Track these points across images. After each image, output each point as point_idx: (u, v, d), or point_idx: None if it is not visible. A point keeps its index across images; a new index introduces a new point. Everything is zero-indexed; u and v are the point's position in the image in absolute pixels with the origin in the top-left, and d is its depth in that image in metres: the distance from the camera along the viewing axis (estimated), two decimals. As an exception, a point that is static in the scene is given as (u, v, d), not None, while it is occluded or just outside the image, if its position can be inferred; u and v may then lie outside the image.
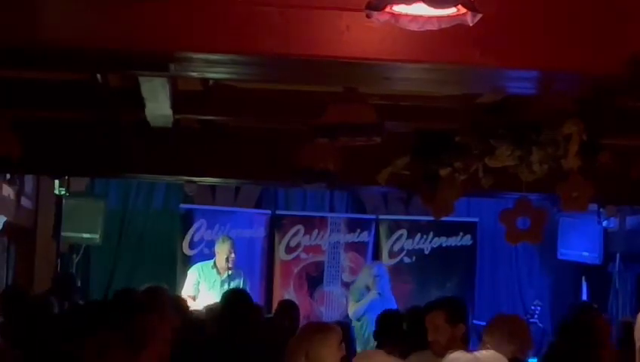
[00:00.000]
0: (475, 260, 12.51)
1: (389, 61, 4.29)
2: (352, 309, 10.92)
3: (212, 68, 4.75)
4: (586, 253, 11.85)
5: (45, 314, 6.84)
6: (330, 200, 13.02)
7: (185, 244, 12.20)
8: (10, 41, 4.19)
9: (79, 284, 8.74)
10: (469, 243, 12.44)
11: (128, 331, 5.04)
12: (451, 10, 3.38)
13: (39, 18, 4.17)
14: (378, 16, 3.38)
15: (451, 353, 3.60)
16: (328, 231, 12.50)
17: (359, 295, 11.02)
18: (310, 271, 12.52)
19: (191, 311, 7.99)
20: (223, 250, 10.45)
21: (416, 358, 5.74)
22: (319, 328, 5.08)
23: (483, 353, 3.65)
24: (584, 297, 12.58)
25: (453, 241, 12.44)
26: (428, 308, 5.73)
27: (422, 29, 3.47)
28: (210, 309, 7.25)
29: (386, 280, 11.08)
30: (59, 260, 11.28)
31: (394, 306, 9.89)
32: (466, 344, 5.39)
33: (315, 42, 4.18)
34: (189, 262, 11.80)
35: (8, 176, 10.06)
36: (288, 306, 8.99)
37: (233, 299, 6.80)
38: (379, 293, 10.77)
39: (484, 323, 6.43)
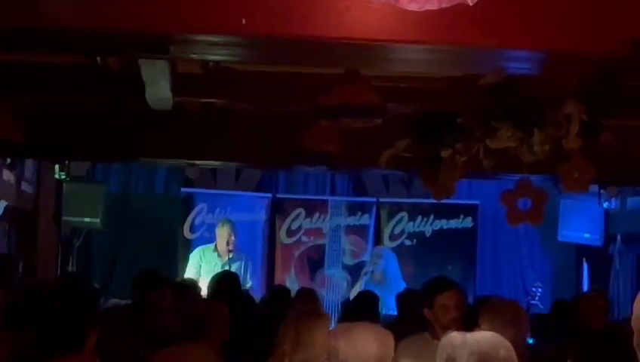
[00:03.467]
0: (475, 242, 12.54)
1: (388, 42, 4.27)
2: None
3: (211, 50, 4.73)
4: (587, 235, 11.84)
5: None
6: (331, 182, 13.02)
7: (186, 228, 12.22)
8: (9, 23, 4.18)
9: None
10: (470, 225, 12.47)
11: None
12: (451, -10, 3.38)
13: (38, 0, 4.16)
14: (378, -4, 3.38)
15: (449, 333, 3.57)
16: (329, 214, 12.51)
17: (370, 280, 11.08)
18: (311, 254, 12.53)
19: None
20: (223, 234, 10.49)
21: (411, 341, 5.47)
22: (309, 313, 5.07)
23: (484, 334, 3.61)
24: (585, 279, 12.60)
25: (454, 224, 12.46)
26: (443, 287, 5.52)
27: (422, 9, 3.47)
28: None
29: (395, 264, 11.09)
30: (60, 245, 11.29)
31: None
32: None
33: (315, 23, 4.15)
34: (189, 245, 11.83)
35: (9, 160, 10.04)
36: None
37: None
38: (386, 278, 10.81)
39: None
